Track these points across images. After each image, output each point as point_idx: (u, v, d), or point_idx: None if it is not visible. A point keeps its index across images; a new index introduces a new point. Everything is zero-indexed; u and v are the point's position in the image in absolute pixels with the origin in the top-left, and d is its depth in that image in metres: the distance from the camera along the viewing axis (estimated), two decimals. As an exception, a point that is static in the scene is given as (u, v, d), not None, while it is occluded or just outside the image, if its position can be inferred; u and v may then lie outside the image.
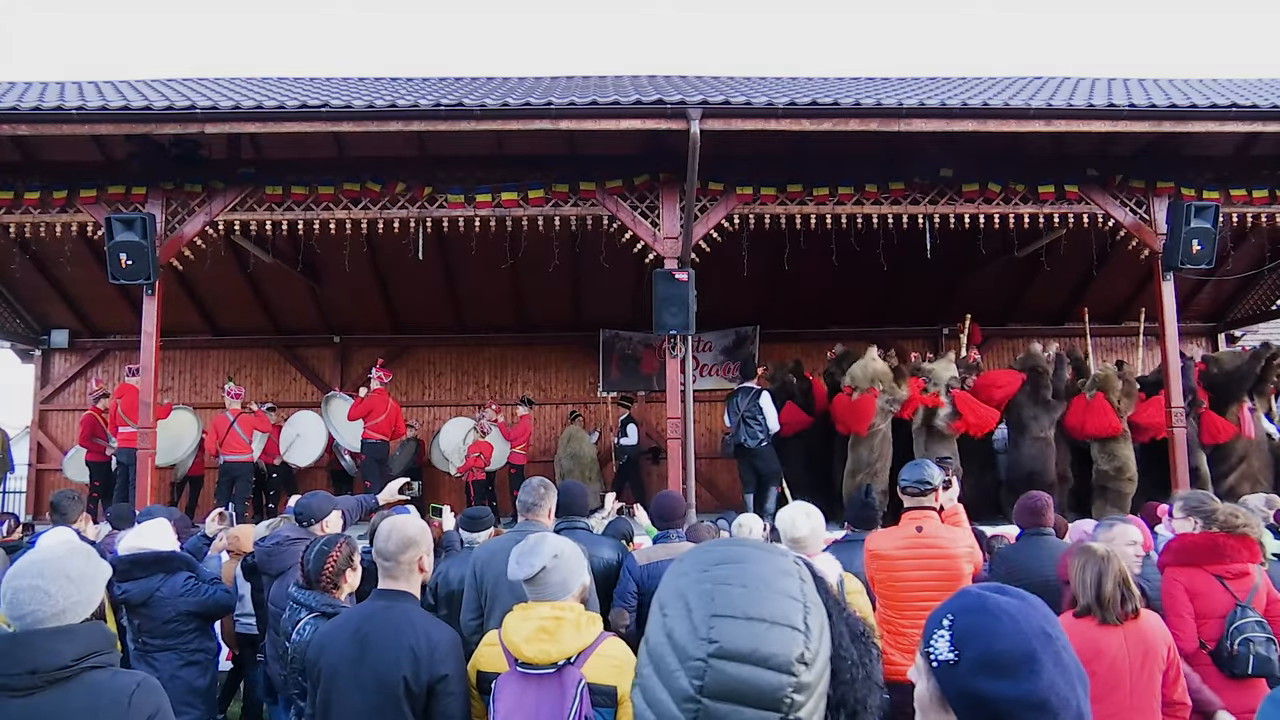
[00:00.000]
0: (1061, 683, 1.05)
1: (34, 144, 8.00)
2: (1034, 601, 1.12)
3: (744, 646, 0.91)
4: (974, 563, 3.86)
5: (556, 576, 2.41)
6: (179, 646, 3.89)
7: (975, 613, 1.10)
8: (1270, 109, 7.36)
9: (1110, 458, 8.40)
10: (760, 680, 0.90)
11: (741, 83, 9.92)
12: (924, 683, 1.15)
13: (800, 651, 0.92)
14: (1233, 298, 12.68)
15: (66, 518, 4.93)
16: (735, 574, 0.99)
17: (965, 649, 1.08)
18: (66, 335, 12.22)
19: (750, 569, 0.99)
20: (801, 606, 0.96)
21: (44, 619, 1.87)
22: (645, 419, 12.49)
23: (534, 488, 3.76)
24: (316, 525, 4.03)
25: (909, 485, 3.91)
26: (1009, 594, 1.13)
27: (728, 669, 0.91)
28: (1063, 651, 1.07)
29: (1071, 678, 1.06)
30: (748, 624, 0.93)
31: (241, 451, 9.45)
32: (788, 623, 0.94)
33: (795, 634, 0.93)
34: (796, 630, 0.94)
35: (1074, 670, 1.07)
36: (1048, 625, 1.09)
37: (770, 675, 0.90)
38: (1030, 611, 1.09)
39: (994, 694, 1.05)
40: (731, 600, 0.95)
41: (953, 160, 7.95)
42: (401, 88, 9.09)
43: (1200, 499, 3.83)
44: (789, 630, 0.93)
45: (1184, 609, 3.44)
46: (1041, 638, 1.06)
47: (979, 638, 1.08)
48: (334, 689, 2.43)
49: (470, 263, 10.06)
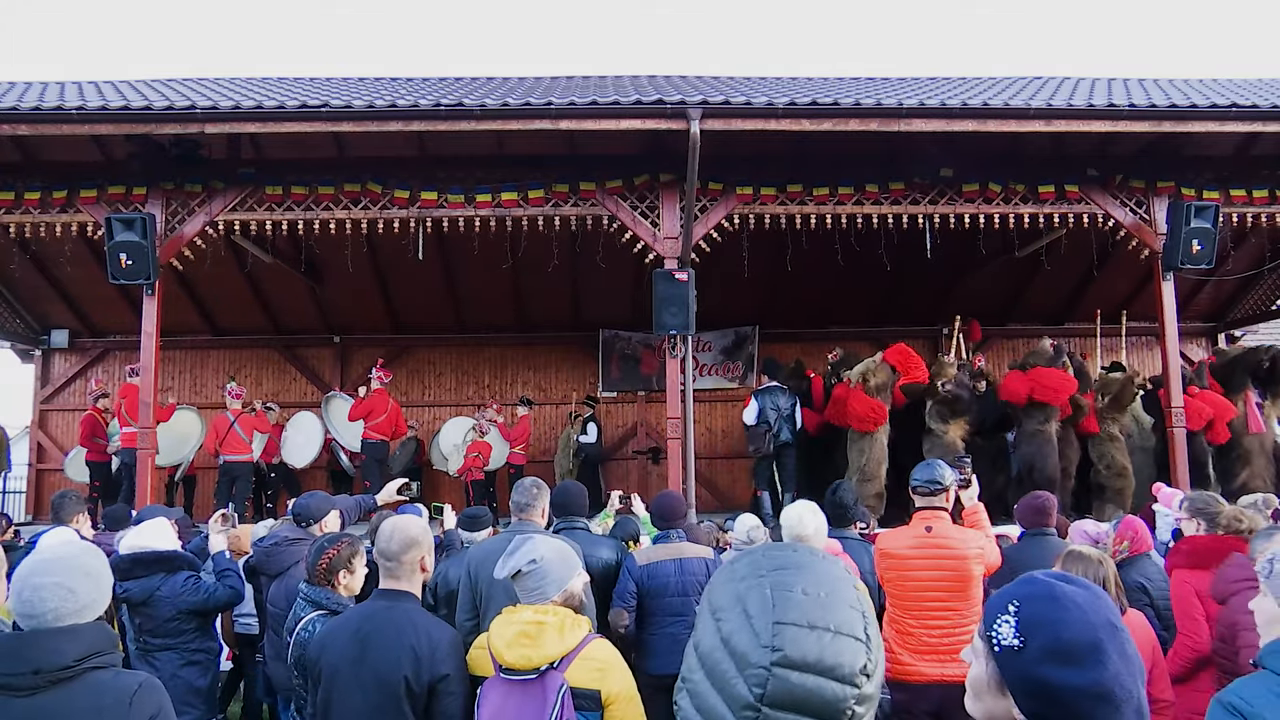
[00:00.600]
0: (1125, 674, 1.05)
1: (34, 144, 8.00)
2: (1099, 592, 1.13)
3: (810, 656, 0.90)
4: (986, 564, 3.82)
5: (533, 582, 2.37)
6: (180, 646, 3.90)
7: (1043, 600, 1.10)
8: (1270, 109, 7.37)
9: (1099, 457, 8.51)
10: (824, 690, 0.89)
11: (741, 83, 9.93)
12: (982, 666, 1.14)
13: (864, 663, 0.91)
14: (1233, 298, 12.68)
15: (65, 518, 4.93)
16: (796, 580, 0.96)
17: (1032, 636, 1.08)
18: (66, 335, 12.21)
19: (810, 575, 0.97)
20: (861, 615, 0.95)
21: (65, 616, 1.86)
22: (645, 419, 12.51)
23: (526, 488, 3.75)
24: (315, 525, 4.03)
25: (920, 485, 3.90)
26: (1076, 583, 1.12)
27: (791, 678, 0.89)
28: (1127, 644, 1.07)
29: (1135, 670, 1.07)
30: (813, 633, 0.91)
31: (241, 451, 9.45)
32: (851, 633, 0.92)
33: (859, 645, 0.92)
34: (859, 641, 0.92)
35: (1136, 662, 1.08)
36: (1113, 616, 1.09)
37: (834, 686, 0.89)
38: (1097, 602, 1.10)
39: (1060, 682, 1.05)
40: (795, 607, 0.93)
41: (953, 160, 7.96)
42: (401, 88, 9.09)
43: (1205, 501, 3.82)
44: (853, 641, 0.92)
45: (1196, 611, 3.43)
46: (1108, 629, 1.07)
47: (1046, 625, 1.07)
48: (335, 688, 2.43)
49: (470, 263, 10.05)
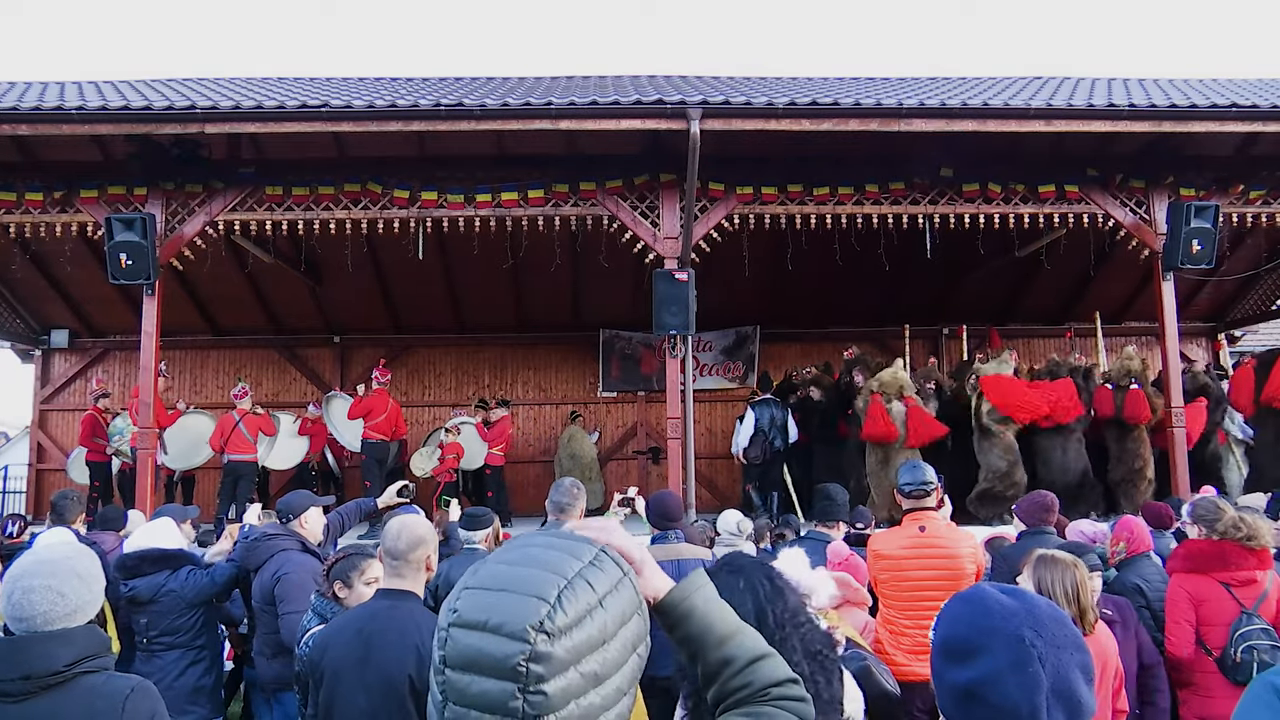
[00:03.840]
0: (1013, 684, 1.01)
1: (34, 144, 8.00)
2: (1032, 606, 1.08)
3: (479, 615, 0.90)
4: (978, 563, 3.85)
5: None
6: (185, 645, 3.91)
7: (961, 601, 1.12)
8: (1270, 109, 7.36)
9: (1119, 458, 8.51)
10: (490, 647, 0.88)
11: (741, 83, 9.92)
12: None
13: (540, 620, 0.88)
14: (1233, 298, 12.67)
15: (65, 518, 4.93)
16: (507, 554, 0.97)
17: (939, 631, 1.12)
18: (66, 335, 12.22)
19: (529, 551, 0.97)
20: (562, 581, 0.92)
21: (56, 619, 1.83)
22: (645, 419, 12.50)
23: (566, 488, 3.75)
24: (295, 521, 4.04)
25: (909, 488, 3.92)
26: (1014, 595, 1.10)
27: (461, 637, 0.90)
28: (1033, 660, 1.02)
29: (1034, 686, 1.01)
30: (488, 594, 0.91)
31: (246, 451, 9.45)
32: (533, 593, 0.90)
33: (537, 603, 0.89)
34: (541, 600, 0.89)
35: (1044, 682, 1.02)
36: (1030, 631, 1.04)
37: (501, 642, 0.88)
38: (1015, 613, 1.05)
39: (946, 677, 1.07)
40: (486, 574, 0.94)
41: (953, 160, 7.95)
42: (401, 88, 9.09)
43: (1207, 507, 3.81)
44: (530, 599, 0.90)
45: (1183, 615, 3.45)
46: (1007, 638, 1.03)
47: (948, 622, 1.10)
48: (337, 689, 2.40)
49: (470, 263, 10.05)
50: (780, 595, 1.73)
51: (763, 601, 1.70)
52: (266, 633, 3.80)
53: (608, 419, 12.65)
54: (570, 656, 0.89)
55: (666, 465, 8.47)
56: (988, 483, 8.20)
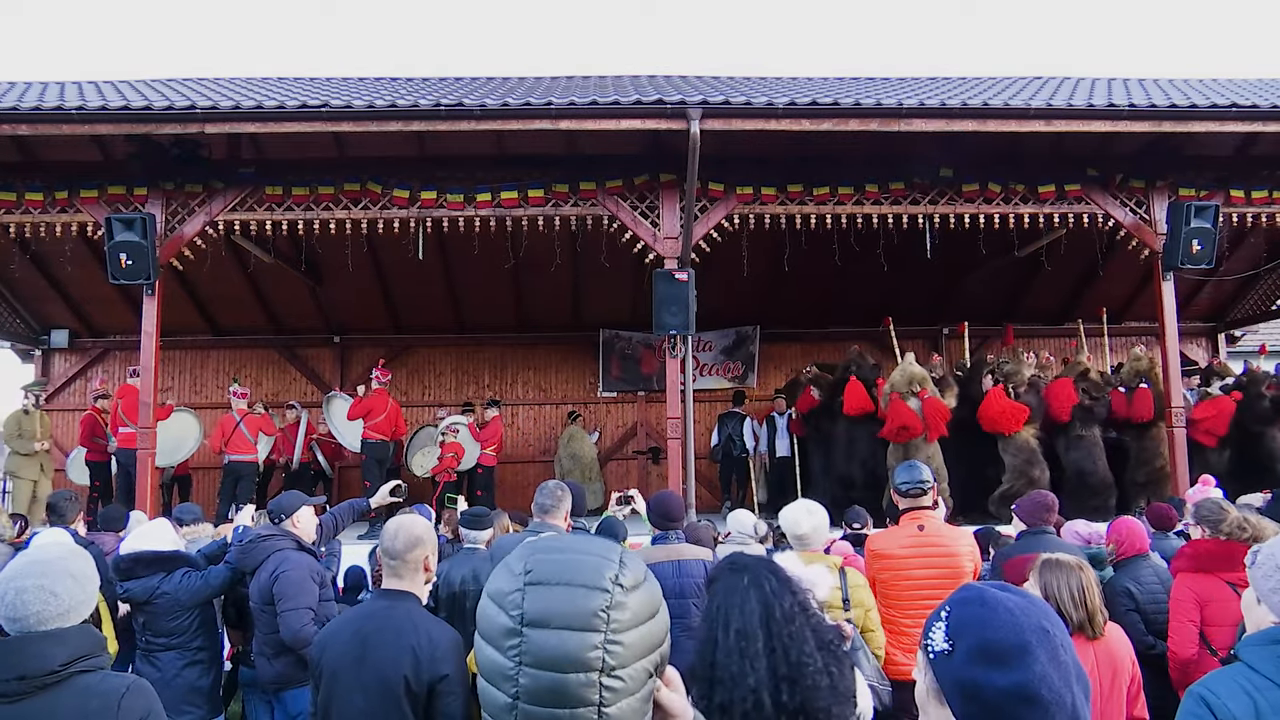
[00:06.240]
0: (1056, 678, 1.04)
1: (34, 144, 7.99)
2: (1035, 600, 1.12)
3: (556, 573, 0.94)
4: (975, 562, 3.86)
5: None
6: (182, 645, 3.91)
7: (972, 604, 1.11)
8: (1270, 109, 7.36)
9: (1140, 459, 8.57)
10: (574, 598, 0.92)
11: (741, 83, 9.92)
12: (923, 678, 1.15)
13: (615, 573, 0.95)
14: (1233, 298, 12.67)
15: (64, 519, 4.93)
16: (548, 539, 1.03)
17: (960, 638, 1.08)
18: (66, 335, 12.22)
19: (568, 539, 1.03)
20: (618, 552, 0.99)
21: (49, 619, 1.83)
22: (645, 419, 12.50)
23: (550, 490, 3.77)
24: (287, 521, 4.04)
25: (906, 487, 3.93)
26: (1011, 591, 1.12)
27: (541, 593, 0.93)
28: (1061, 649, 1.06)
29: (1068, 675, 1.05)
30: (560, 555, 0.97)
31: (246, 451, 9.46)
32: (602, 554, 0.97)
33: (608, 562, 0.96)
34: (610, 561, 0.96)
35: (1072, 669, 1.06)
36: (1047, 622, 1.08)
37: (583, 594, 0.92)
38: (1030, 607, 1.09)
39: (986, 683, 1.04)
40: (545, 544, 1.00)
41: (953, 160, 7.95)
42: (401, 88, 9.09)
43: (1210, 508, 3.81)
44: (601, 558, 0.96)
45: (1187, 615, 3.44)
46: (1038, 632, 1.06)
47: (973, 627, 1.08)
48: (335, 689, 2.41)
49: (470, 263, 10.05)
50: (786, 589, 1.73)
51: (769, 597, 1.69)
52: (267, 633, 3.80)
53: (608, 419, 12.65)
54: (635, 616, 0.94)
55: (666, 465, 8.47)
56: (1008, 483, 8.23)
